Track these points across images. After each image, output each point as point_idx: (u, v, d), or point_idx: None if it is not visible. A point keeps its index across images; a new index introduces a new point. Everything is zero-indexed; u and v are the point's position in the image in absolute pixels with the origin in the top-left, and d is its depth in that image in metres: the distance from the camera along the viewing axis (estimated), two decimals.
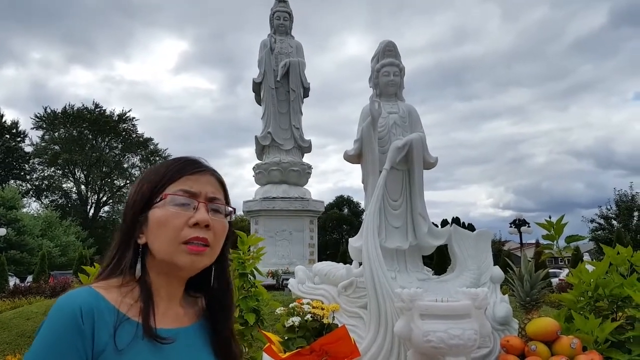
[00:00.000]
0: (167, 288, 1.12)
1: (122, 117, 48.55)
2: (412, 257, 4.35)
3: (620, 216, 34.13)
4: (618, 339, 3.43)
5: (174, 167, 1.13)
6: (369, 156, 4.31)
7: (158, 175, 1.12)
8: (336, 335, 3.10)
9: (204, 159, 1.19)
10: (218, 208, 1.14)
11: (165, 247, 1.07)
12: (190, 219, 1.07)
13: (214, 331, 1.19)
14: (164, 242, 1.07)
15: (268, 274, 12.50)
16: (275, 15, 16.54)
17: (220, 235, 1.14)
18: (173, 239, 1.06)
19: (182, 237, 1.06)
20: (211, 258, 1.13)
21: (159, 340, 1.02)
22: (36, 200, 48.75)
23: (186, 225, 1.06)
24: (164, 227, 1.06)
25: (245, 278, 3.55)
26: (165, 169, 1.13)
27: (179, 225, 1.06)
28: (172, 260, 1.07)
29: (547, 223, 4.18)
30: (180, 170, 1.12)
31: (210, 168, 1.18)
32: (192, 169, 1.13)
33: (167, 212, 1.07)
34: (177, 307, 1.15)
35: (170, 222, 1.06)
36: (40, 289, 15.97)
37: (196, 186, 1.11)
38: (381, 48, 4.71)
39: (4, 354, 7.99)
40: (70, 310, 0.96)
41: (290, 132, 15.65)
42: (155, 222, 1.07)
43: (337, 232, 48.99)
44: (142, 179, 1.15)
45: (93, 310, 0.97)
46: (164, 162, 1.18)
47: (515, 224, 26.09)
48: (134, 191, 1.14)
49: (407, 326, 3.20)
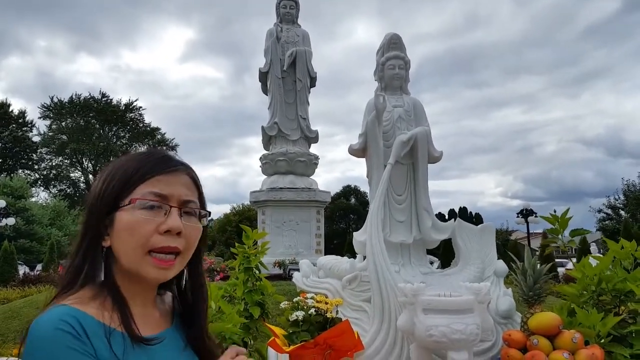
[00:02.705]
0: (141, 293, 1.06)
1: (129, 106, 48.65)
2: (416, 251, 4.37)
3: (628, 206, 33.98)
4: (620, 334, 3.44)
5: (145, 166, 1.02)
6: (374, 150, 4.31)
7: (127, 174, 1.01)
8: (340, 329, 3.14)
9: (177, 155, 1.10)
10: (192, 211, 1.05)
11: (130, 256, 0.98)
12: (161, 225, 0.98)
13: (189, 329, 1.15)
14: (130, 250, 0.98)
15: (275, 263, 12.56)
16: (281, 3, 16.42)
17: (193, 241, 1.06)
18: (139, 247, 0.97)
19: (150, 245, 0.98)
20: (181, 266, 1.06)
21: (147, 343, 0.97)
22: (44, 190, 49.16)
23: (156, 232, 0.98)
24: (131, 234, 0.97)
25: (250, 272, 3.59)
26: (134, 168, 1.02)
27: (147, 233, 0.97)
28: (137, 271, 0.99)
29: (552, 217, 4.18)
30: (151, 170, 1.02)
31: (184, 166, 1.08)
32: (165, 168, 1.03)
33: (134, 217, 0.97)
34: (153, 311, 1.10)
35: (138, 229, 0.97)
36: (50, 277, 16.20)
37: (168, 188, 1.01)
38: (386, 41, 4.69)
39: (15, 341, 8.11)
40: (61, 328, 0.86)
41: (297, 123, 15.60)
42: (122, 228, 0.98)
43: (344, 222, 49.09)
44: (109, 175, 1.03)
45: (82, 326, 0.88)
46: (133, 157, 1.06)
47: (523, 214, 26.03)
48: (100, 189, 1.02)
49: (410, 320, 3.23)
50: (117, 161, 1.07)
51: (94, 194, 1.03)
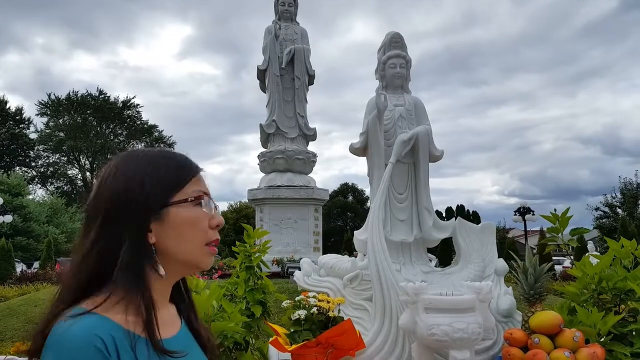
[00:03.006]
0: (164, 293, 1.07)
1: (127, 103, 48.56)
2: (417, 250, 4.37)
3: (625, 204, 34.07)
4: (620, 332, 3.46)
5: (185, 167, 1.07)
6: (375, 149, 4.32)
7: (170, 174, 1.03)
8: (342, 328, 3.14)
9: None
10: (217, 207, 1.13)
11: (192, 249, 1.03)
12: (212, 220, 1.06)
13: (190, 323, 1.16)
14: (192, 244, 1.02)
15: (273, 261, 12.56)
16: (280, 1, 16.38)
17: None
18: (201, 241, 1.04)
19: (208, 238, 1.05)
20: None
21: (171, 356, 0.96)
22: (42, 187, 49.01)
23: (209, 226, 1.05)
24: (194, 229, 1.02)
25: (251, 271, 3.59)
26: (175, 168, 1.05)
27: (205, 227, 1.04)
28: (196, 262, 1.05)
29: (552, 216, 4.20)
30: (191, 170, 1.07)
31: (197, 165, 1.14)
32: (197, 168, 1.09)
33: (194, 213, 1.03)
34: (168, 310, 1.10)
35: (200, 223, 1.03)
36: (47, 275, 16.16)
37: (204, 186, 1.08)
38: (388, 40, 4.69)
39: (12, 340, 8.09)
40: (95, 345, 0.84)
41: (295, 120, 15.58)
42: (182, 223, 1.00)
43: (341, 220, 49.11)
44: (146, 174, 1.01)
45: (114, 340, 0.87)
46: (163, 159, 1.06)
47: (520, 212, 26.07)
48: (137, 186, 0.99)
49: (411, 319, 3.24)
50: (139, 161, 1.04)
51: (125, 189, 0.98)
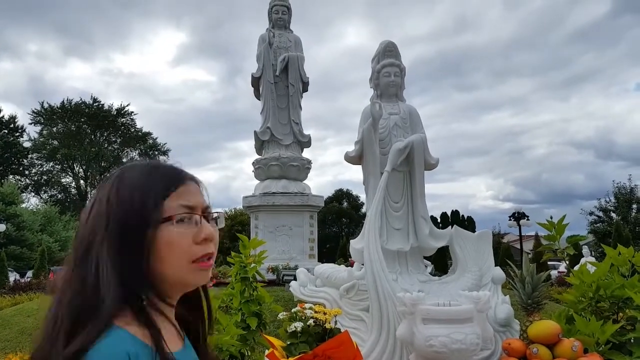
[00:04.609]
0: (169, 310, 1.06)
1: (121, 111, 48.48)
2: (413, 259, 4.35)
3: (619, 209, 34.20)
4: (619, 341, 3.44)
5: (165, 180, 1.03)
6: (370, 158, 4.30)
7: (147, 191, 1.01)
8: (339, 340, 3.10)
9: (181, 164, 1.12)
10: (211, 216, 1.09)
11: (176, 270, 1.00)
12: (197, 235, 1.01)
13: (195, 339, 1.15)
14: (175, 265, 1.00)
15: (268, 269, 12.51)
16: (273, 9, 16.43)
17: (218, 243, 1.09)
18: (182, 260, 1.00)
19: (192, 255, 1.00)
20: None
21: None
22: (35, 196, 48.80)
23: (193, 242, 1.01)
24: (170, 251, 0.99)
25: (247, 282, 3.55)
26: (153, 182, 1.02)
27: (187, 244, 1.00)
28: (185, 281, 1.03)
29: (549, 223, 4.18)
30: (171, 183, 1.03)
31: (191, 175, 1.10)
32: (182, 180, 1.05)
33: (172, 233, 0.99)
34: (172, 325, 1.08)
35: (180, 242, 0.99)
36: (41, 284, 16.05)
37: (191, 198, 1.04)
38: (382, 48, 4.69)
39: (4, 351, 8.00)
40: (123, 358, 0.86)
41: (290, 127, 15.59)
42: (160, 246, 0.98)
43: (336, 226, 49.12)
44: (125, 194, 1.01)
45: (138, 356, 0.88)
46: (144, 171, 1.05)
47: (515, 217, 26.15)
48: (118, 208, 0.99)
49: (409, 330, 3.21)
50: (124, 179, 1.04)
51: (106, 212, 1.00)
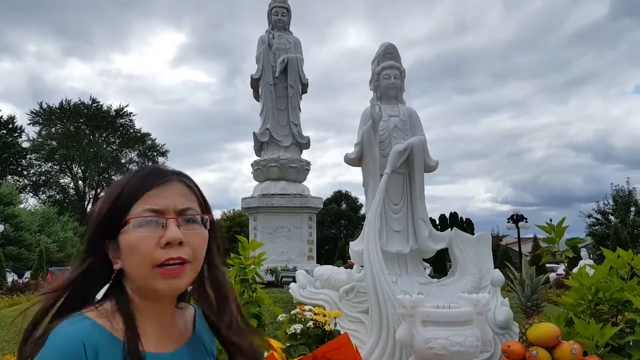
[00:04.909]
0: (158, 309, 1.06)
1: (120, 112, 48.42)
2: (412, 261, 4.35)
3: (617, 211, 34.21)
4: (618, 344, 3.44)
5: (134, 184, 1.03)
6: (370, 160, 4.31)
7: (120, 196, 1.02)
8: (338, 342, 3.10)
9: (166, 165, 1.11)
10: (192, 219, 1.04)
11: (138, 274, 1.00)
12: (161, 239, 0.98)
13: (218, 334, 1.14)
14: (137, 269, 0.99)
15: (267, 271, 12.50)
16: (273, 10, 16.45)
17: (199, 247, 1.05)
18: (145, 264, 0.98)
19: (155, 260, 0.98)
20: (194, 274, 1.05)
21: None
22: (33, 196, 48.67)
23: (157, 246, 0.98)
24: (133, 254, 0.98)
25: (246, 284, 3.55)
26: (125, 188, 1.03)
27: (149, 249, 0.98)
28: (149, 286, 1.00)
29: (548, 226, 4.18)
30: (141, 186, 1.02)
31: (176, 174, 1.08)
32: (155, 181, 1.03)
33: (133, 237, 0.98)
34: (172, 326, 1.10)
35: (139, 248, 0.98)
36: (39, 285, 15.97)
37: (162, 201, 1.01)
38: (382, 51, 4.70)
39: (3, 352, 7.98)
40: (72, 348, 0.89)
41: (289, 129, 15.59)
42: (124, 249, 0.99)
43: (335, 227, 49.04)
44: (106, 199, 1.04)
45: (97, 345, 0.90)
46: (125, 177, 1.07)
47: (513, 219, 26.13)
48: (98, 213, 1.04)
49: (408, 332, 3.21)
50: (113, 183, 1.08)
51: (94, 217, 1.05)
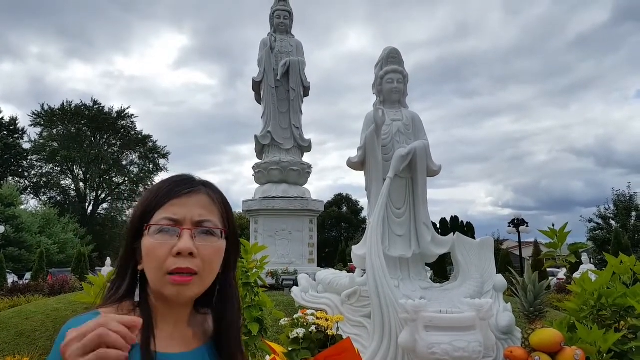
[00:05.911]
0: (173, 311, 1.10)
1: (121, 114, 48.53)
2: (415, 266, 4.35)
3: (618, 216, 34.17)
4: (621, 350, 3.43)
5: (161, 192, 1.09)
6: (373, 164, 4.30)
7: (146, 202, 1.09)
8: (341, 347, 3.09)
9: (195, 176, 1.15)
10: (208, 231, 1.08)
11: (152, 277, 1.05)
12: (174, 248, 1.03)
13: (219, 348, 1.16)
14: (151, 273, 1.05)
15: (268, 274, 12.50)
16: (275, 14, 16.51)
17: (211, 260, 1.08)
18: (158, 270, 1.04)
19: (167, 267, 1.03)
20: (202, 285, 1.08)
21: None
22: (34, 197, 48.76)
23: (170, 254, 1.03)
24: (149, 258, 1.05)
25: (248, 288, 3.54)
26: (152, 194, 1.10)
27: (162, 256, 1.03)
28: (160, 291, 1.06)
29: (551, 231, 4.18)
30: (166, 195, 1.08)
31: (203, 186, 1.13)
32: (180, 191, 1.08)
33: (150, 242, 1.05)
34: (185, 329, 1.13)
35: (154, 252, 1.04)
36: (39, 286, 15.98)
37: (181, 211, 1.06)
38: (385, 55, 4.70)
39: (3, 354, 7.98)
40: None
41: (290, 132, 15.63)
42: (144, 252, 1.06)
43: (335, 230, 49.04)
44: (138, 202, 1.13)
45: None
46: (158, 183, 1.14)
47: (514, 224, 26.10)
48: (130, 218, 1.13)
49: (411, 337, 3.20)
50: (150, 187, 1.16)
51: (130, 219, 1.13)
